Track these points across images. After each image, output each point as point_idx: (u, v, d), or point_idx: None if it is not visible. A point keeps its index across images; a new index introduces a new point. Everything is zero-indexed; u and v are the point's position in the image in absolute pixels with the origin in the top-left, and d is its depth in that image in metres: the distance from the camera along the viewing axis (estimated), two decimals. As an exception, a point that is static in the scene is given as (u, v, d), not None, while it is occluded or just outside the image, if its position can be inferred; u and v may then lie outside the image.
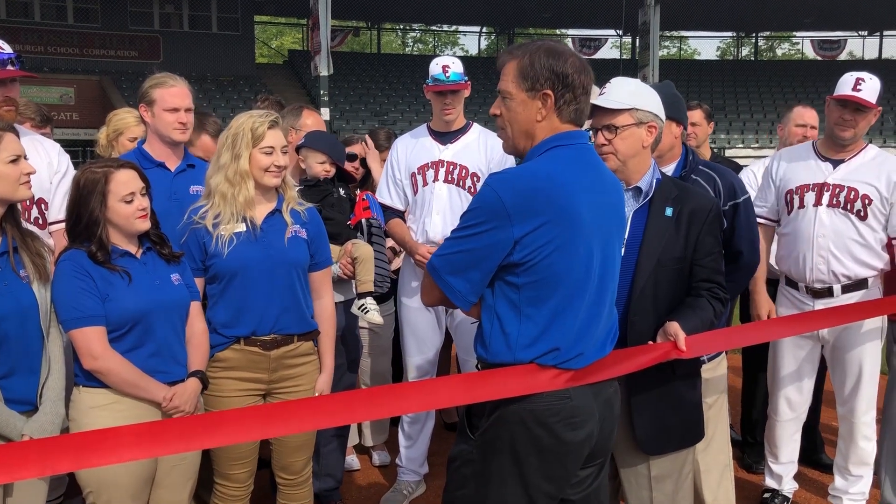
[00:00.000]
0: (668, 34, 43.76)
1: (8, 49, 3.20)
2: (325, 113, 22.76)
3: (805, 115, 4.66)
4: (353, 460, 4.60)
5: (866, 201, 3.57)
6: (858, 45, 42.97)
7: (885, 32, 40.29)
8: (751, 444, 4.62)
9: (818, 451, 4.58)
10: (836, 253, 3.61)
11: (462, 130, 4.13)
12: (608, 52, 41.05)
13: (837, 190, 3.62)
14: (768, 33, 46.24)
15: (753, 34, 43.08)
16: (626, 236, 2.64)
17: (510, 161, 4.28)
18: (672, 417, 2.70)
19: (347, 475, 4.43)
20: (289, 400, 3.08)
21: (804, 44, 43.99)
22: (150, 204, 2.80)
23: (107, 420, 2.55)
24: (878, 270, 3.65)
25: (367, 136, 4.86)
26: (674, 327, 2.54)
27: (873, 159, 3.66)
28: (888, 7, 32.98)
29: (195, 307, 2.94)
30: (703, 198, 2.77)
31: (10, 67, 3.18)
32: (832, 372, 3.84)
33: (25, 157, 2.58)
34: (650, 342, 2.58)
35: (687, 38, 47.47)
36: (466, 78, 4.08)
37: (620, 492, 2.84)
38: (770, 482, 4.00)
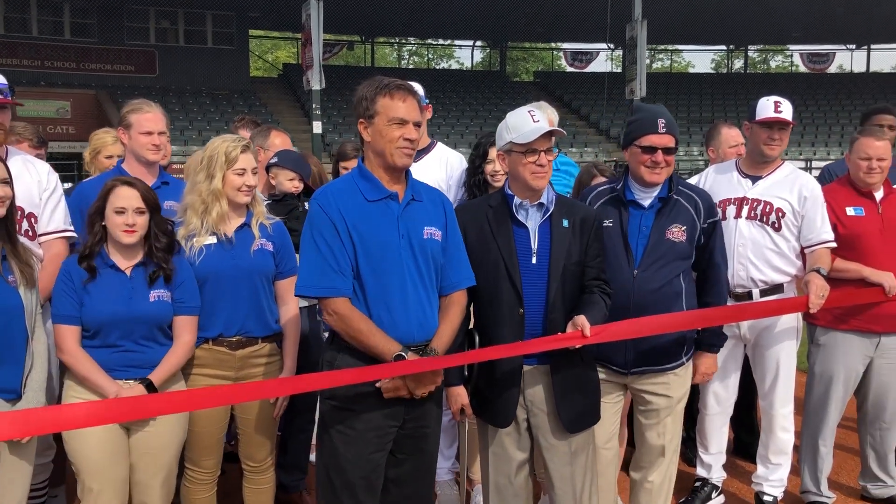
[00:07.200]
0: (661, 48, 44.16)
1: (0, 79, 3.55)
2: (318, 126, 22.99)
3: (737, 136, 4.97)
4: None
5: (780, 214, 3.93)
6: (847, 59, 43.50)
7: (873, 46, 40.76)
8: (693, 440, 4.93)
9: (756, 446, 4.89)
10: (754, 261, 3.96)
11: (426, 150, 4.43)
12: (602, 64, 41.56)
13: (755, 204, 3.98)
14: (760, 47, 46.65)
15: (743, 47, 43.49)
16: (535, 247, 3.04)
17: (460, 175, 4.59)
18: (584, 399, 3.15)
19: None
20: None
21: (795, 56, 44.44)
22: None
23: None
24: (791, 276, 4.01)
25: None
26: (581, 320, 2.94)
27: (787, 176, 4.02)
28: (875, 21, 33.43)
29: (185, 321, 3.26)
30: (587, 209, 3.23)
31: None
32: (754, 369, 4.19)
33: (5, 182, 2.93)
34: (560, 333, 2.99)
35: (681, 51, 47.93)
36: (427, 100, 4.37)
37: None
38: (701, 472, 4.34)
